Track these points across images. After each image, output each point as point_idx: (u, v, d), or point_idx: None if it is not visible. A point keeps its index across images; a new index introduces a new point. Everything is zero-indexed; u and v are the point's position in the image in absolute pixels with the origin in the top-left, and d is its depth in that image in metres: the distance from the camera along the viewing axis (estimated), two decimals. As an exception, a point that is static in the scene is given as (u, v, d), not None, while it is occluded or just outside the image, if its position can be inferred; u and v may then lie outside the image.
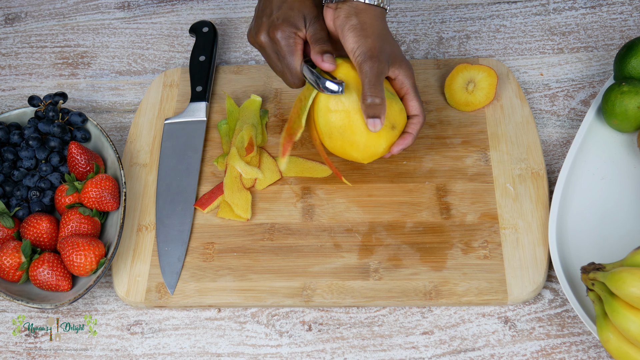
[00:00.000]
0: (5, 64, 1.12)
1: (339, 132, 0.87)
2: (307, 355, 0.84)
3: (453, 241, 0.89)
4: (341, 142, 0.88)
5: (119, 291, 0.89)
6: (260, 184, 0.95)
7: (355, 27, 0.84)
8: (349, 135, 0.87)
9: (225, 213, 0.93)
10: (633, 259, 0.74)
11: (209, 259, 0.90)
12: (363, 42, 0.84)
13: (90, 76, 1.10)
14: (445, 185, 0.93)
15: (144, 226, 0.93)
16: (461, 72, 0.99)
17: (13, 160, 0.95)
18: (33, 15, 1.18)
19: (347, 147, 0.88)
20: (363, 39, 0.84)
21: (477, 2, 1.12)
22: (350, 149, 0.88)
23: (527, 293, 0.85)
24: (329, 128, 0.87)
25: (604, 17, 1.09)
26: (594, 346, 0.83)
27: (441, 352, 0.83)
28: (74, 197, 0.90)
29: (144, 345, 0.86)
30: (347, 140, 0.87)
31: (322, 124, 0.88)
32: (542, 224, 0.89)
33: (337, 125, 0.87)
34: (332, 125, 0.87)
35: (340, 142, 0.88)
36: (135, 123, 1.02)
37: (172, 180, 0.96)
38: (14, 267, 0.86)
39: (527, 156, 0.94)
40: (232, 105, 1.01)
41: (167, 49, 1.12)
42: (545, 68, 1.04)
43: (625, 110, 0.91)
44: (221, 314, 0.88)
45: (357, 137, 0.87)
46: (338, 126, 0.87)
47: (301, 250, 0.90)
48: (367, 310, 0.87)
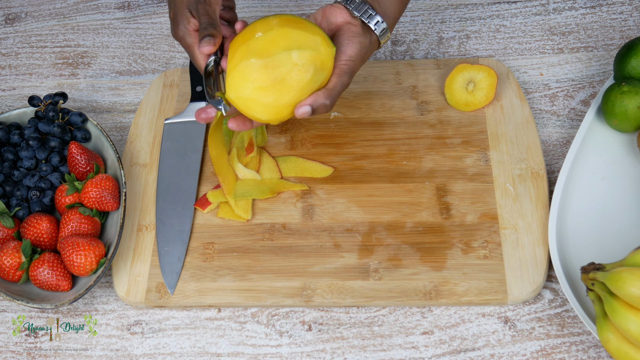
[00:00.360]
0: (5, 64, 1.12)
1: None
2: (307, 355, 0.84)
3: (453, 241, 0.89)
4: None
5: (119, 291, 0.89)
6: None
7: (363, 46, 0.85)
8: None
9: (225, 213, 0.93)
10: (633, 259, 0.74)
11: (209, 259, 0.90)
12: (358, 61, 0.85)
13: (90, 76, 1.10)
14: (445, 185, 0.93)
15: (144, 226, 0.93)
16: (461, 72, 0.99)
17: (13, 160, 0.95)
18: (33, 15, 1.18)
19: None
20: (359, 59, 0.85)
21: (477, 2, 1.12)
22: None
23: (527, 293, 0.85)
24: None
25: (604, 17, 1.09)
26: (594, 346, 0.83)
27: (441, 352, 0.83)
28: (74, 197, 0.90)
29: (144, 345, 0.86)
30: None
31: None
32: (542, 224, 0.89)
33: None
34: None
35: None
36: (135, 123, 1.02)
37: (172, 180, 0.96)
38: (14, 267, 0.86)
39: (527, 156, 0.94)
40: (232, 105, 1.01)
41: (167, 49, 1.12)
42: (545, 68, 1.04)
43: (625, 110, 0.91)
44: (221, 314, 0.88)
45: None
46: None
47: (301, 250, 0.90)
48: (367, 310, 0.87)
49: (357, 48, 0.85)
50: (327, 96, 0.83)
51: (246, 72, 0.80)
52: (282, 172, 0.96)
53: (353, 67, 0.85)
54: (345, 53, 0.84)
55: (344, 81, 0.84)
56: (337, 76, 0.84)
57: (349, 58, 0.84)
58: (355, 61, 0.85)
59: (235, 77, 0.80)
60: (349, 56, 0.84)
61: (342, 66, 0.84)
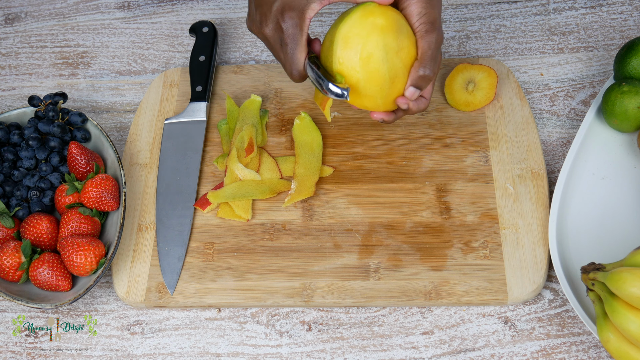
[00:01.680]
0: (5, 64, 1.12)
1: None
2: (307, 355, 0.84)
3: (453, 241, 0.89)
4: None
5: (119, 291, 0.89)
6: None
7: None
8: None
9: (225, 213, 0.93)
10: (633, 259, 0.74)
11: (209, 259, 0.90)
12: (430, 10, 0.82)
13: (90, 76, 1.10)
14: (445, 185, 0.93)
15: (144, 226, 0.93)
16: (461, 72, 0.99)
17: (13, 160, 0.95)
18: (33, 15, 1.18)
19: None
20: (430, 7, 0.82)
21: (477, 2, 1.12)
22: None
23: (527, 293, 0.85)
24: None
25: (604, 17, 1.09)
26: (594, 346, 0.83)
27: (441, 352, 0.83)
28: (74, 197, 0.90)
29: (144, 345, 0.86)
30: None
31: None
32: (542, 224, 0.89)
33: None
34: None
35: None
36: (135, 123, 1.02)
37: (172, 180, 0.96)
38: (14, 267, 0.86)
39: (527, 156, 0.94)
40: (232, 105, 1.01)
41: (167, 49, 1.12)
42: (545, 68, 1.04)
43: (625, 110, 0.91)
44: (221, 314, 0.88)
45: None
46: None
47: (301, 250, 0.90)
48: (367, 310, 0.87)
49: (419, 1, 0.82)
50: (421, 66, 0.82)
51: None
52: (282, 172, 0.96)
53: (429, 19, 0.82)
54: (414, 12, 0.82)
55: (430, 40, 0.82)
56: (420, 40, 0.82)
57: (419, 15, 0.82)
58: (427, 13, 0.82)
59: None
60: (417, 14, 0.82)
61: (419, 27, 0.82)
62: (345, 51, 0.82)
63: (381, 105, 0.86)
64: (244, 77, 1.05)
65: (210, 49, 1.06)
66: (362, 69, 0.82)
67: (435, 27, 0.83)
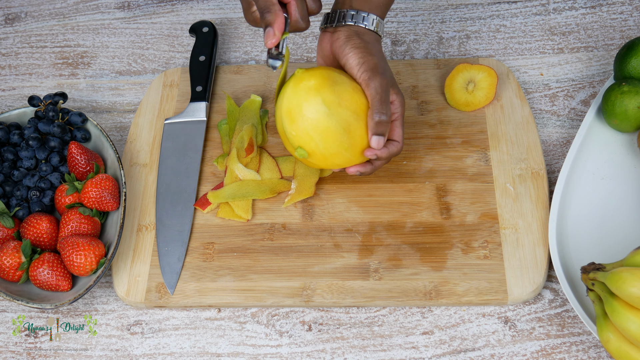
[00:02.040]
0: (5, 64, 1.12)
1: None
2: (307, 355, 0.84)
3: (453, 241, 0.89)
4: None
5: (119, 291, 0.89)
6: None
7: (358, 46, 0.84)
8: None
9: (225, 213, 0.93)
10: (633, 259, 0.74)
11: (209, 259, 0.90)
12: (368, 59, 0.84)
13: (90, 76, 1.10)
14: (445, 185, 0.93)
15: (144, 226, 0.93)
16: (461, 72, 0.99)
17: (13, 160, 0.95)
18: (33, 15, 1.18)
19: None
20: (367, 56, 0.84)
21: (477, 2, 1.12)
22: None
23: (527, 293, 0.85)
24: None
25: (604, 17, 1.09)
26: (594, 346, 0.83)
27: (441, 352, 0.83)
28: (74, 197, 0.90)
29: (144, 345, 0.86)
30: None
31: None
32: (542, 224, 0.89)
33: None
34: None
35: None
36: (135, 123, 1.02)
37: (172, 180, 0.96)
38: (14, 267, 0.86)
39: (527, 156, 0.94)
40: (232, 105, 1.01)
41: (167, 49, 1.12)
42: (545, 68, 1.04)
43: (625, 110, 0.91)
44: (221, 314, 0.88)
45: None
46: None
47: (301, 250, 0.90)
48: (367, 310, 0.87)
49: (356, 52, 0.84)
50: (374, 113, 0.83)
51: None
52: (282, 172, 0.96)
53: (369, 67, 0.84)
54: (352, 65, 0.84)
55: (375, 86, 0.83)
56: (365, 89, 0.84)
57: (358, 65, 0.84)
58: (365, 62, 0.84)
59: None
60: (356, 65, 0.84)
61: (362, 76, 0.84)
62: (292, 125, 0.84)
63: (352, 159, 0.87)
64: (244, 77, 1.06)
65: (210, 49, 1.06)
66: (315, 132, 0.84)
67: (377, 72, 0.84)
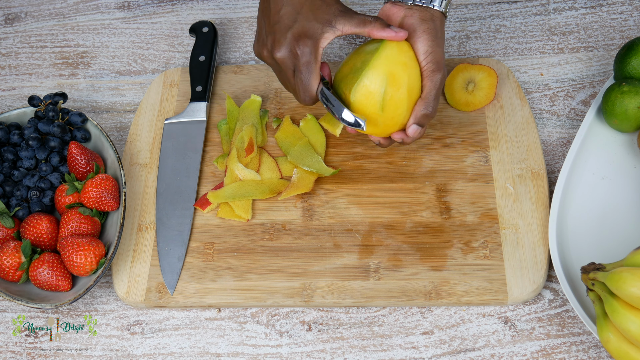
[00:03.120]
0: (5, 64, 1.12)
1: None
2: (307, 355, 0.84)
3: (453, 241, 0.89)
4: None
5: (119, 291, 0.89)
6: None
7: (430, 32, 0.85)
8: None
9: (225, 213, 0.93)
10: (633, 259, 0.74)
11: (209, 259, 0.90)
12: (436, 49, 0.85)
13: (90, 76, 1.10)
14: (445, 185, 0.93)
15: (144, 226, 0.93)
16: (461, 72, 0.99)
17: (13, 160, 0.95)
18: (33, 15, 1.18)
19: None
20: (436, 46, 0.85)
21: (477, 2, 1.12)
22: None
23: (527, 293, 0.85)
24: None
25: (604, 17, 1.09)
26: (594, 346, 0.83)
27: (441, 352, 0.83)
28: (74, 197, 0.90)
29: (144, 345, 0.86)
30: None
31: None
32: (542, 224, 0.89)
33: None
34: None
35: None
36: (135, 123, 1.02)
37: (172, 180, 0.96)
38: (14, 267, 0.86)
39: (527, 156, 0.94)
40: (232, 105, 1.01)
41: (167, 49, 1.12)
42: (545, 68, 1.04)
43: (625, 110, 0.91)
44: (221, 314, 0.88)
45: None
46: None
47: (301, 250, 0.90)
48: (367, 310, 0.87)
49: (427, 37, 0.84)
50: (425, 105, 0.85)
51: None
52: (282, 172, 0.96)
53: (436, 58, 0.84)
54: (420, 50, 0.84)
55: (436, 80, 0.84)
56: (426, 79, 0.85)
57: (425, 53, 0.84)
58: (433, 51, 0.84)
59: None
60: (424, 52, 0.84)
61: (426, 66, 0.84)
62: (392, 86, 0.84)
63: (384, 132, 0.88)
64: (244, 77, 1.06)
65: (210, 49, 1.06)
66: (384, 106, 0.84)
67: (441, 67, 0.85)
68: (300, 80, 0.85)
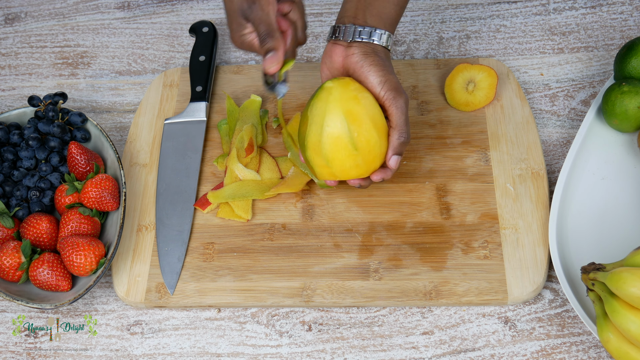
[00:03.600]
0: (5, 64, 1.12)
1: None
2: (307, 355, 0.84)
3: (453, 241, 0.89)
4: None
5: (119, 291, 0.89)
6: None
7: (377, 64, 0.84)
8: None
9: (225, 213, 0.93)
10: (633, 259, 0.74)
11: (209, 259, 0.90)
12: (389, 77, 0.84)
13: (90, 76, 1.10)
14: (445, 185, 0.93)
15: (144, 226, 0.93)
16: (461, 72, 0.99)
17: (13, 160, 0.95)
18: (33, 15, 1.18)
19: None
20: (387, 75, 0.84)
21: (477, 2, 1.12)
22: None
23: (527, 293, 0.85)
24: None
25: (604, 17, 1.09)
26: (594, 346, 0.83)
27: (441, 352, 0.83)
28: (74, 197, 0.90)
29: (144, 345, 0.86)
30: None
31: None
32: (542, 224, 0.89)
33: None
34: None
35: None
36: (135, 123, 1.02)
37: (172, 180, 0.96)
38: (14, 267, 0.86)
39: (527, 156, 0.94)
40: (232, 105, 1.01)
41: (167, 49, 1.12)
42: (546, 68, 1.04)
43: (625, 110, 0.91)
44: (221, 314, 0.88)
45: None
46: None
47: (301, 250, 0.90)
48: (367, 310, 0.87)
49: (376, 69, 0.84)
50: (399, 133, 0.84)
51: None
52: (282, 172, 0.96)
53: (392, 86, 0.84)
54: (374, 82, 0.84)
55: (400, 105, 0.84)
56: (390, 107, 0.84)
57: (380, 84, 0.84)
58: (387, 80, 0.84)
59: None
60: (378, 82, 0.84)
61: (385, 95, 0.84)
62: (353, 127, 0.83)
63: (369, 168, 0.87)
64: (244, 77, 1.06)
65: (210, 49, 1.06)
66: (355, 143, 0.83)
67: (400, 92, 0.84)
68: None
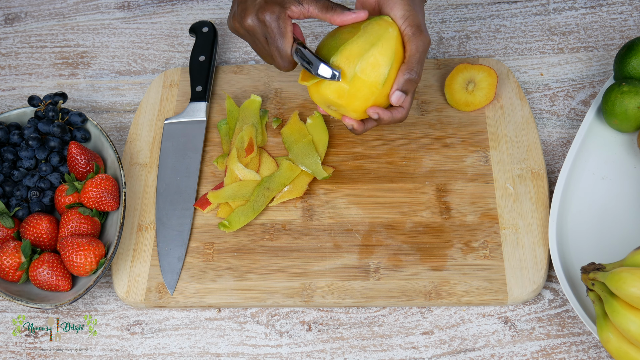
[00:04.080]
0: (5, 64, 1.12)
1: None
2: (307, 355, 0.84)
3: (453, 241, 0.89)
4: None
5: (119, 291, 0.89)
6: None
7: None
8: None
9: (225, 213, 0.93)
10: (633, 259, 0.74)
11: (209, 259, 0.90)
12: (413, 13, 0.83)
13: (90, 76, 1.10)
14: (445, 185, 0.93)
15: (144, 226, 0.93)
16: (461, 72, 0.99)
17: (13, 160, 0.95)
18: (33, 15, 1.18)
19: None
20: (413, 10, 0.83)
21: (477, 2, 1.12)
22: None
23: (527, 293, 0.85)
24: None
25: (604, 17, 1.09)
26: (594, 346, 0.83)
27: (441, 352, 0.83)
28: (73, 197, 0.90)
29: (143, 345, 0.86)
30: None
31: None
32: (542, 224, 0.89)
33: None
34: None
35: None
36: (135, 123, 1.02)
37: (172, 180, 0.96)
38: (14, 267, 0.86)
39: (527, 156, 0.94)
40: (232, 105, 1.01)
41: (167, 49, 1.12)
42: (545, 68, 1.04)
43: (625, 110, 0.91)
44: (221, 314, 0.88)
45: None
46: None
47: (301, 250, 0.90)
48: (367, 310, 0.87)
49: (403, 3, 0.83)
50: (408, 69, 0.83)
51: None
52: (282, 172, 0.96)
53: (415, 22, 0.82)
54: (397, 15, 0.83)
55: (418, 44, 0.83)
56: (408, 43, 0.83)
57: (402, 17, 0.83)
58: (411, 15, 0.83)
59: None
60: (402, 16, 0.83)
61: (406, 29, 0.83)
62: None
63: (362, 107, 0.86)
64: (244, 77, 1.06)
65: (210, 49, 1.06)
66: (387, 80, 0.83)
67: (422, 30, 0.83)
68: (274, 45, 0.84)
